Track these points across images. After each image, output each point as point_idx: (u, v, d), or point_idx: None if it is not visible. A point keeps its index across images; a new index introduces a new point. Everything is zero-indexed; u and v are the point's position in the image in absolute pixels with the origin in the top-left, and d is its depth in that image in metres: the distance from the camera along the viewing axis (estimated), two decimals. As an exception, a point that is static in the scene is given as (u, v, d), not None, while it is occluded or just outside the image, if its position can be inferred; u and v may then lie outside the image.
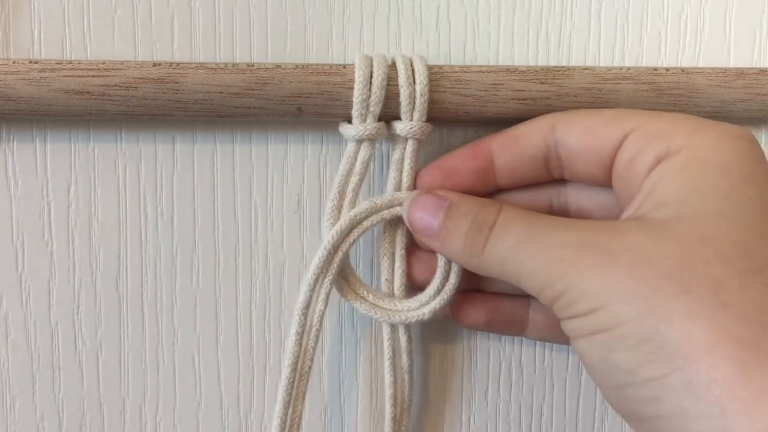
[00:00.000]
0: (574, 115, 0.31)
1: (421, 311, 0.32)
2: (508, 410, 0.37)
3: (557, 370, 0.37)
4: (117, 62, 0.30)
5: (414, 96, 0.31)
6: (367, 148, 0.32)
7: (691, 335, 0.23)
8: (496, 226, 0.28)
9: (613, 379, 0.25)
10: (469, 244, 0.29)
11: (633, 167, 0.28)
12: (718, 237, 0.25)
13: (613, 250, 0.25)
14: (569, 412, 0.37)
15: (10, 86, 0.30)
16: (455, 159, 0.32)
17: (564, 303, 0.26)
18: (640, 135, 0.28)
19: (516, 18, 0.34)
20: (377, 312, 0.32)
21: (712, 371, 0.23)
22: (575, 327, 0.26)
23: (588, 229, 0.27)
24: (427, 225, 0.30)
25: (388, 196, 0.32)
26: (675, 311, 0.24)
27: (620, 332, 0.25)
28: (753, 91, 0.33)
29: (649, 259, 0.25)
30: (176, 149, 0.34)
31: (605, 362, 0.25)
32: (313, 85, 0.31)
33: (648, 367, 0.24)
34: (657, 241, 0.25)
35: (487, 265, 0.29)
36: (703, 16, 0.35)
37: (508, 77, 0.32)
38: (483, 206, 0.29)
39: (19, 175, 0.33)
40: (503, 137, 0.31)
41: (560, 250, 0.26)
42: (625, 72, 0.32)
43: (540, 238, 0.27)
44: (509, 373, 0.37)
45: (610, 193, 0.31)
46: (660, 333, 0.24)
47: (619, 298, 0.25)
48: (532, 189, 0.32)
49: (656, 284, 0.24)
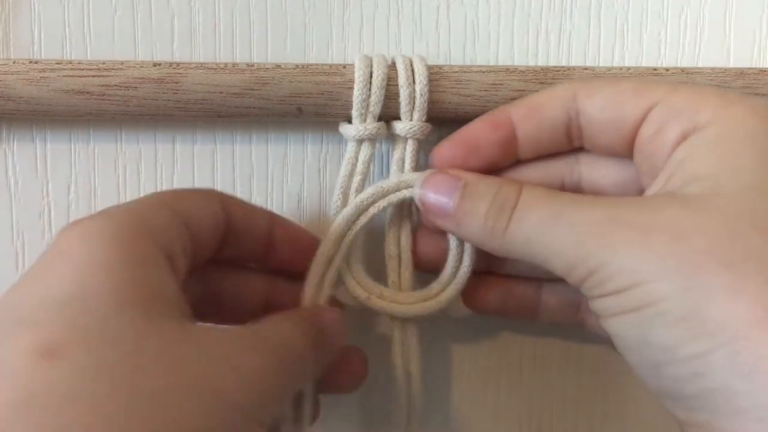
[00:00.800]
0: (596, 84, 0.30)
1: (438, 299, 0.32)
2: (507, 408, 0.37)
3: (561, 367, 0.37)
4: (117, 62, 0.30)
5: (414, 96, 0.31)
6: (367, 148, 0.32)
7: (735, 310, 0.23)
8: (518, 206, 0.28)
9: (650, 358, 0.25)
10: (489, 225, 0.28)
11: (657, 141, 0.28)
12: (754, 211, 0.24)
13: (646, 226, 0.25)
14: (570, 411, 0.37)
15: (10, 86, 0.30)
16: (476, 131, 0.31)
17: (595, 281, 0.26)
18: (665, 108, 0.28)
19: (516, 18, 0.34)
20: (394, 308, 0.31)
21: (760, 347, 0.22)
22: (608, 306, 0.26)
23: (616, 206, 0.26)
24: (442, 205, 0.29)
25: (395, 179, 0.31)
26: (717, 286, 0.23)
27: (659, 309, 0.24)
28: (753, 91, 0.33)
29: (685, 234, 0.24)
30: (176, 149, 0.34)
31: (641, 340, 0.25)
32: (313, 85, 0.31)
33: (690, 343, 0.23)
34: (692, 216, 0.25)
35: (510, 246, 0.28)
36: (702, 16, 0.35)
37: (507, 77, 0.32)
38: (502, 186, 0.28)
39: (19, 175, 0.33)
40: (523, 107, 0.30)
41: (589, 227, 0.26)
42: (625, 72, 0.32)
43: (566, 216, 0.26)
44: (508, 370, 0.37)
45: (626, 170, 0.30)
46: (702, 309, 0.23)
47: (656, 275, 0.24)
48: (545, 166, 0.32)
49: (695, 259, 0.24)
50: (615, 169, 0.31)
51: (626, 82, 0.29)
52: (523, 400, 0.37)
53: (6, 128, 0.33)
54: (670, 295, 0.24)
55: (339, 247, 0.31)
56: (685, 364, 0.24)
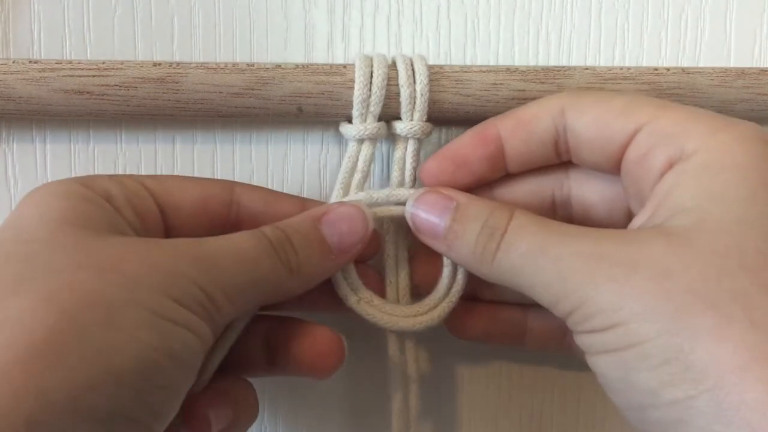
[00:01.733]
0: (584, 100, 0.29)
1: (430, 315, 0.31)
2: (507, 408, 0.37)
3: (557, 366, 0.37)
4: (117, 62, 0.30)
5: (414, 96, 0.31)
6: (368, 147, 0.32)
7: (719, 355, 0.22)
8: (507, 233, 0.27)
9: (634, 400, 0.24)
10: (479, 251, 0.27)
11: (644, 166, 0.27)
12: (740, 247, 0.24)
13: (630, 262, 0.24)
14: (570, 411, 0.37)
15: (10, 86, 0.30)
16: (464, 147, 0.30)
17: (579, 317, 0.25)
18: (652, 131, 0.27)
19: (516, 18, 0.34)
20: (384, 318, 0.31)
21: (744, 393, 0.22)
22: (592, 343, 0.25)
23: (603, 239, 0.25)
24: (433, 227, 0.29)
25: (386, 191, 0.31)
26: (701, 329, 0.23)
27: (641, 351, 0.23)
28: (753, 91, 0.33)
29: (669, 272, 0.24)
30: (176, 149, 0.34)
31: (625, 381, 0.24)
32: (313, 85, 0.31)
33: (673, 388, 0.23)
34: (677, 253, 0.24)
35: (497, 274, 0.27)
36: (703, 15, 0.35)
37: (508, 77, 0.32)
38: (494, 211, 0.28)
39: (19, 175, 0.33)
40: (511, 121, 0.30)
41: (574, 262, 0.25)
42: (625, 72, 0.32)
43: (552, 249, 0.26)
44: (509, 370, 0.37)
45: (614, 185, 0.30)
46: (685, 352, 0.23)
47: (639, 315, 0.23)
48: (534, 180, 0.31)
49: (679, 300, 0.23)
50: (604, 184, 0.31)
51: (616, 99, 0.29)
52: (523, 400, 0.37)
53: (6, 128, 0.33)
54: (653, 337, 0.23)
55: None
56: (668, 408, 0.23)
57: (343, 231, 0.29)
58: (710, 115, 0.27)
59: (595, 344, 0.25)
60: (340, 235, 0.29)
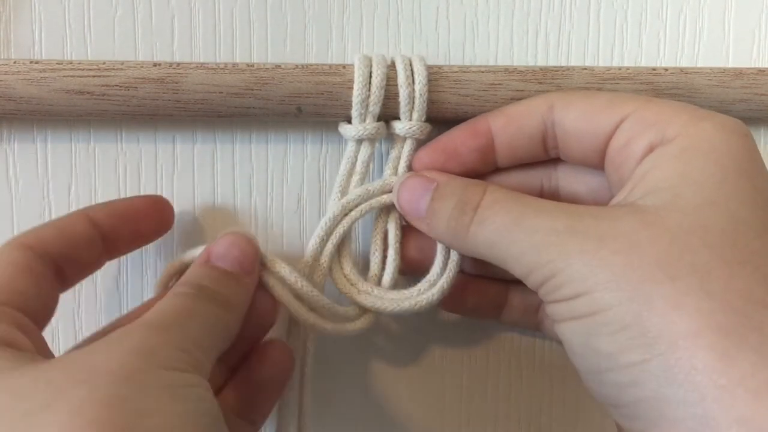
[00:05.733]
0: (572, 96, 0.30)
1: (430, 293, 0.31)
2: (507, 408, 0.37)
3: (557, 365, 0.37)
4: (117, 62, 0.30)
5: (413, 96, 0.31)
6: (367, 147, 0.32)
7: (674, 322, 0.23)
8: (481, 207, 0.28)
9: (594, 364, 0.26)
10: (453, 225, 0.29)
11: (626, 152, 0.28)
12: (706, 226, 0.25)
13: (601, 236, 0.25)
14: (570, 411, 0.37)
15: (11, 86, 0.30)
16: (456, 138, 0.31)
17: (550, 287, 0.26)
18: (636, 120, 0.28)
19: (515, 18, 0.34)
20: (384, 303, 0.31)
21: (694, 359, 0.23)
22: (559, 311, 0.26)
23: (576, 214, 0.26)
24: (415, 207, 0.30)
25: (380, 182, 0.32)
26: (659, 298, 0.24)
27: (603, 317, 0.25)
28: (752, 91, 0.33)
29: (636, 246, 0.25)
30: (176, 149, 0.34)
31: (586, 346, 0.25)
32: (313, 85, 0.31)
33: (629, 352, 0.24)
34: (646, 228, 0.25)
35: (472, 247, 0.28)
36: (701, 16, 0.35)
37: (507, 77, 0.32)
38: (467, 187, 0.29)
39: (20, 175, 0.33)
40: (502, 117, 0.31)
41: (548, 236, 0.26)
42: (623, 72, 0.32)
43: (526, 222, 0.27)
44: (508, 370, 0.37)
45: (602, 177, 0.31)
46: (642, 319, 0.24)
47: (604, 284, 0.25)
48: (524, 172, 0.32)
49: (642, 271, 0.24)
50: (591, 178, 0.31)
51: (602, 95, 0.30)
52: (523, 400, 0.37)
53: (6, 128, 0.33)
54: (615, 305, 0.24)
55: (324, 248, 0.32)
56: (624, 371, 0.24)
57: (236, 255, 0.29)
58: (693, 108, 0.28)
59: (563, 312, 0.26)
60: (235, 260, 0.29)
